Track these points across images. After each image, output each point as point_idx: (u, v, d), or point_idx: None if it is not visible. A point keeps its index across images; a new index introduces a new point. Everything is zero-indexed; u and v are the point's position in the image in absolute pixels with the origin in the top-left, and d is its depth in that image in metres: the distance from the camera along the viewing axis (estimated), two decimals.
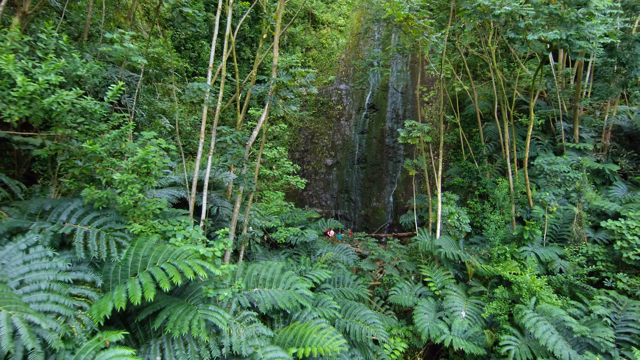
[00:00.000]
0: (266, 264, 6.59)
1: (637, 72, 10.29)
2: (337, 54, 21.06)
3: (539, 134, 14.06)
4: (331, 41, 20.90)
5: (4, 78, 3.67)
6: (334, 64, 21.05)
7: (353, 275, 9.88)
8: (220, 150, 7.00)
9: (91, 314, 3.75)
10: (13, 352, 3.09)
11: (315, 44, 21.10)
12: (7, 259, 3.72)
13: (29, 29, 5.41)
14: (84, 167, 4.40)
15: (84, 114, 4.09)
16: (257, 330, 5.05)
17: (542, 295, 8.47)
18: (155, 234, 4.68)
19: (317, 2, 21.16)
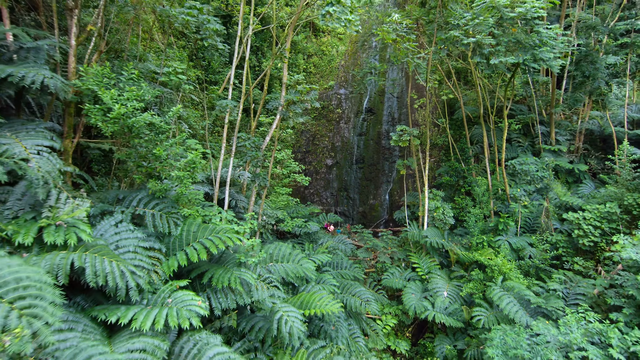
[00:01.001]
0: (278, 245, 8.33)
1: (599, 83, 12.03)
2: (337, 60, 22.81)
3: (521, 137, 15.78)
4: (331, 48, 22.62)
5: (102, 105, 5.38)
6: (333, 69, 22.80)
7: (350, 261, 11.62)
8: (240, 152, 8.71)
9: (163, 269, 5.47)
10: (121, 287, 4.82)
11: (316, 51, 22.83)
12: (104, 230, 5.44)
13: (104, 61, 7.13)
14: (148, 167, 6.11)
15: (151, 127, 5.81)
16: (275, 292, 6.80)
17: (510, 275, 10.20)
18: (199, 216, 6.41)
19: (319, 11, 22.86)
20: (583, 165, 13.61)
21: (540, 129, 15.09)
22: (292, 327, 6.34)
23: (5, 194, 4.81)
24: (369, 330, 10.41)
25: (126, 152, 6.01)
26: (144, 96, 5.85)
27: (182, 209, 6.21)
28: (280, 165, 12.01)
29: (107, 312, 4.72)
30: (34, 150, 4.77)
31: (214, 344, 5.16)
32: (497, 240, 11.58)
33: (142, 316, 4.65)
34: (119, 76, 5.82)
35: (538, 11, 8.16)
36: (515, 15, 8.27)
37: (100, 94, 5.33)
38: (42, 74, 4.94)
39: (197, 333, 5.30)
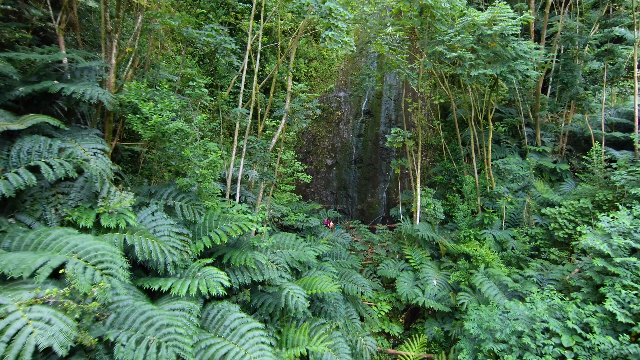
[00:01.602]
0: (284, 235, 9.61)
1: (577, 89, 13.30)
2: (337, 64, 24.09)
3: (509, 138, 17.04)
4: (331, 53, 23.89)
5: (140, 115, 6.65)
6: (333, 73, 24.09)
7: (348, 252, 12.90)
8: (249, 154, 9.99)
9: (191, 250, 6.75)
10: (161, 262, 6.09)
11: (317, 55, 24.11)
12: (143, 218, 6.72)
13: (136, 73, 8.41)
14: (176, 166, 7.37)
15: (179, 133, 7.08)
16: (282, 274, 8.07)
17: (493, 264, 11.46)
18: (218, 208, 7.68)
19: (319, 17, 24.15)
20: (565, 165, 14.87)
21: (527, 131, 16.35)
22: (297, 302, 7.61)
23: (68, 188, 6.08)
24: (365, 314, 11.69)
25: (158, 154, 7.28)
26: (174, 107, 7.13)
27: (204, 202, 7.48)
28: (284, 164, 13.29)
29: (151, 282, 5.99)
30: (91, 152, 6.04)
31: (234, 311, 6.43)
32: (483, 233, 12.85)
33: (178, 285, 5.92)
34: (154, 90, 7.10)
35: (513, 29, 9.45)
36: (493, 32, 9.54)
37: (140, 106, 6.61)
38: (96, 90, 6.21)
39: (220, 302, 6.57)
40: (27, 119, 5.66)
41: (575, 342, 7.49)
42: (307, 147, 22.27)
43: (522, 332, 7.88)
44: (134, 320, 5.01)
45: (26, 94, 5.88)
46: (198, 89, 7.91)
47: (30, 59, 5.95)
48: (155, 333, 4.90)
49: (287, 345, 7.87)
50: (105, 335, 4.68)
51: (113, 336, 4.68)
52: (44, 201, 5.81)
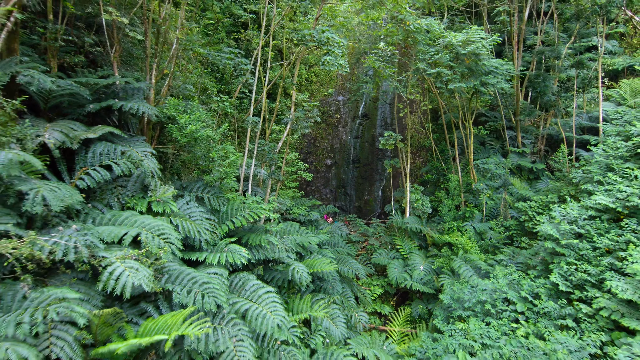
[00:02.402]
0: (289, 224, 11.60)
1: (550, 97, 15.29)
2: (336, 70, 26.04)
3: (493, 140, 19.05)
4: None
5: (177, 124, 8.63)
6: (333, 78, 26.09)
7: (345, 242, 14.88)
8: (259, 155, 11.97)
9: (218, 231, 8.73)
10: (197, 239, 8.07)
11: (317, 61, 26.09)
12: (180, 206, 8.69)
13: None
14: (203, 165, 9.34)
15: (207, 138, 9.06)
16: (289, 254, 10.06)
17: (471, 251, 13.43)
18: (237, 199, 9.67)
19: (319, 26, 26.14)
20: (541, 164, 16.87)
21: (509, 134, 18.35)
22: (301, 276, 9.59)
23: (125, 182, 8.06)
24: (359, 295, 13.66)
25: (188, 155, 9.26)
26: (203, 117, 9.12)
27: (226, 194, 9.47)
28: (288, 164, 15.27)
29: (190, 255, 7.97)
30: (143, 154, 8.01)
31: (252, 279, 8.41)
32: (464, 225, 14.83)
33: (211, 257, 7.91)
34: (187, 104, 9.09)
35: (482, 48, 11.45)
36: (467, 52, 11.54)
37: (177, 117, 8.60)
38: (146, 106, 8.20)
39: (241, 273, 8.56)
40: (98, 129, 7.63)
41: (527, 307, 9.47)
42: (308, 148, 24.25)
43: (486, 301, 9.87)
44: (182, 279, 6.99)
45: (95, 110, 7.87)
46: (221, 103, 9.92)
47: (98, 82, 7.93)
48: (199, 287, 6.87)
49: (293, 312, 9.86)
50: (165, 287, 6.66)
51: (171, 288, 6.67)
52: (109, 192, 7.79)
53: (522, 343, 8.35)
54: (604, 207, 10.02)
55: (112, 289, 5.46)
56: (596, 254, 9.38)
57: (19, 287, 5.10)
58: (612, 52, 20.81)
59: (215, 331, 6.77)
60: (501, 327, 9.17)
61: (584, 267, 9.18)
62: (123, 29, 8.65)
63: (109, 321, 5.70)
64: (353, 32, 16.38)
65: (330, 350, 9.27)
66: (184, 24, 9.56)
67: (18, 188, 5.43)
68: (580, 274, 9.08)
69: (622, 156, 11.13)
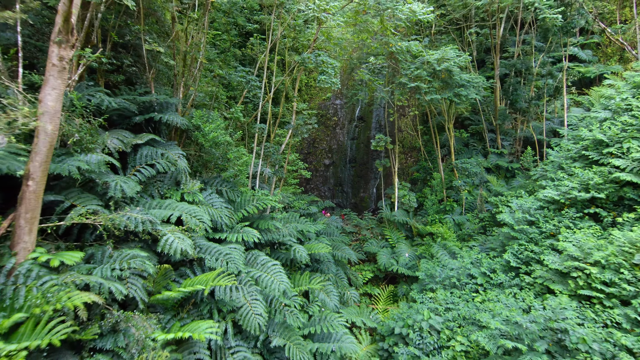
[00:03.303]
0: (291, 214, 14.05)
1: (521, 104, 17.72)
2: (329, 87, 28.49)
3: (476, 142, 21.48)
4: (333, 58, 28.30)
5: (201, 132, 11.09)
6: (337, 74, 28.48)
7: (340, 232, 17.33)
8: (265, 155, 14.43)
9: (235, 217, 11.20)
10: (219, 223, 10.53)
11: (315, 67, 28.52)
12: (204, 197, 11.16)
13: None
14: (221, 164, 11.78)
15: (225, 143, 11.51)
16: (292, 238, 12.52)
17: (449, 239, 15.86)
18: (249, 192, 12.13)
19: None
20: (517, 164, 19.29)
21: (490, 136, 20.79)
22: (301, 255, 12.05)
23: (163, 177, 10.52)
24: (352, 277, 16.11)
25: (209, 156, 11.72)
26: (222, 126, 11.61)
27: (239, 188, 11.94)
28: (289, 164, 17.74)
29: (214, 235, 10.44)
30: (177, 156, 10.47)
31: (262, 255, 10.87)
32: (445, 217, 17.27)
33: (230, 236, 10.37)
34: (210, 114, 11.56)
35: (454, 65, 13.89)
36: (441, 68, 13.99)
37: (202, 126, 11.08)
38: (178, 118, 10.67)
39: (253, 250, 11.02)
40: (143, 136, 10.09)
41: (485, 280, 11.91)
42: (308, 149, 26.72)
43: (453, 276, 12.32)
44: (210, 251, 9.45)
45: (140, 121, 10.34)
46: (236, 113, 12.39)
47: (142, 100, 10.40)
48: (223, 257, 9.33)
49: (294, 285, 12.32)
50: (198, 256, 9.12)
51: (203, 256, 9.13)
52: (151, 185, 10.26)
53: (477, 306, 10.79)
54: (551, 199, 12.46)
55: (167, 252, 7.92)
56: (542, 237, 11.81)
57: (106, 248, 7.57)
58: (586, 61, 23.24)
59: (236, 290, 9.24)
60: (463, 295, 11.61)
61: (531, 247, 11.62)
62: (158, 55, 11.13)
63: (163, 276, 8.17)
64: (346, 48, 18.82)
65: (325, 314, 11.73)
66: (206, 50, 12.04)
67: (104, 180, 7.90)
68: (527, 253, 11.53)
69: (571, 157, 13.55)
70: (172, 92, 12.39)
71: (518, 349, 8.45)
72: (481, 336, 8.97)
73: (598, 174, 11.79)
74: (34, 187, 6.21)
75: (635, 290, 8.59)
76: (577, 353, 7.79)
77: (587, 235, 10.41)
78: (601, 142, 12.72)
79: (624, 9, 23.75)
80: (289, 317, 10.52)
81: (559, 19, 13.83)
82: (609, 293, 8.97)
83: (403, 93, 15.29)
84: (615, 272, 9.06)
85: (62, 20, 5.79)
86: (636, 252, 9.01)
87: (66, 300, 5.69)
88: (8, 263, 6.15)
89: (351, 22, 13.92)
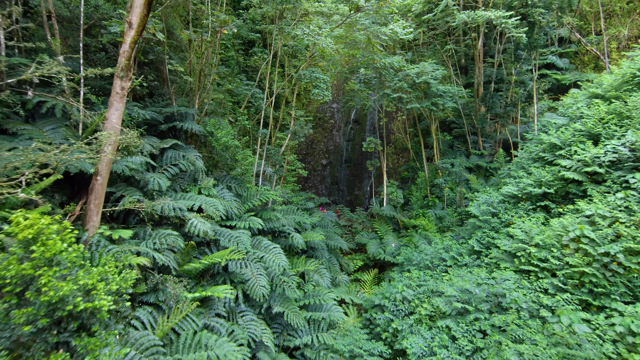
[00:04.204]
0: (290, 207, 16.65)
1: (497, 110, 20.28)
2: (331, 80, 31.10)
3: (460, 144, 24.02)
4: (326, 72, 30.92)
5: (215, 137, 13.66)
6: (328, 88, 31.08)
7: (334, 225, 19.92)
8: (267, 157, 17.03)
9: (242, 208, 13.79)
10: (230, 213, 13.13)
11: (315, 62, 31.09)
12: (216, 191, 13.76)
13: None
14: (230, 164, 14.35)
15: (235, 146, 14.09)
16: (290, 228, 15.12)
17: (430, 230, 18.41)
18: (254, 188, 14.73)
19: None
20: (495, 164, 21.83)
21: (473, 138, 23.35)
22: (298, 241, 14.64)
23: (183, 175, 13.12)
24: (343, 264, 18.69)
25: (221, 158, 14.32)
26: (231, 132, 14.22)
27: (245, 184, 14.55)
28: (288, 163, 20.33)
29: (226, 222, 13.04)
30: (195, 157, 13.07)
31: (265, 240, 13.47)
32: (428, 212, 19.84)
33: (239, 223, 12.98)
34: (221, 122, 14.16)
35: (430, 78, 16.46)
36: (420, 81, 16.57)
37: (216, 132, 13.68)
38: (196, 126, 13.27)
39: (257, 236, 13.61)
40: (168, 142, 12.68)
41: (453, 263, 14.47)
42: (306, 150, 29.31)
43: (427, 259, 14.87)
44: (224, 234, 12.04)
45: (165, 129, 12.95)
46: (243, 121, 14.99)
47: (167, 111, 12.99)
48: (234, 239, 11.92)
49: (292, 267, 14.91)
50: (214, 238, 11.71)
51: (219, 238, 11.72)
52: (175, 181, 12.86)
53: (444, 282, 13.33)
54: (511, 194, 15.01)
55: (192, 232, 10.51)
56: (501, 226, 14.36)
57: (147, 229, 10.17)
58: (564, 69, 25.79)
59: (245, 266, 11.82)
60: (434, 275, 14.18)
61: (492, 234, 14.17)
62: (177, 73, 13.74)
63: (188, 252, 10.77)
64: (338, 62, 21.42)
65: (318, 290, 14.31)
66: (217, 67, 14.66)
67: (146, 177, 10.51)
68: (488, 239, 14.09)
69: (532, 158, 16.09)
70: (188, 103, 15.00)
71: (467, 310, 11.01)
72: (440, 301, 11.54)
73: (549, 173, 14.33)
74: (101, 180, 8.81)
75: (561, 264, 11.13)
76: (510, 310, 10.35)
77: (533, 223, 12.96)
78: (555, 146, 15.27)
79: (598, 21, 26.31)
80: (287, 290, 13.10)
81: (524, 37, 16.37)
82: (543, 267, 11.52)
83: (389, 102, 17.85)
84: (549, 251, 11.60)
85: (125, 61, 8.38)
86: (565, 234, 11.56)
87: (129, 260, 8.28)
88: (83, 236, 8.75)
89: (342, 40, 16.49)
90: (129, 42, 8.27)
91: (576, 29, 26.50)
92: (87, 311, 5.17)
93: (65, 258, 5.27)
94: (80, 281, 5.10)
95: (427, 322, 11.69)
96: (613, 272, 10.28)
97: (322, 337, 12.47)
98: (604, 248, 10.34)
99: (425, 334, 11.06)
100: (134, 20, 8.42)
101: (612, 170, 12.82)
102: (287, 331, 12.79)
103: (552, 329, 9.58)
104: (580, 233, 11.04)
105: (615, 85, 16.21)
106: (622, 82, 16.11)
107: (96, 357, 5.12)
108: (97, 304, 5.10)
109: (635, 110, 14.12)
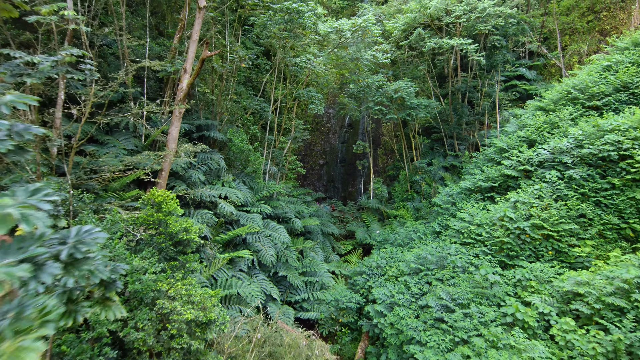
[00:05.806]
0: (291, 198, 21.59)
1: (466, 118, 25.23)
2: (328, 88, 36.05)
3: (439, 146, 28.94)
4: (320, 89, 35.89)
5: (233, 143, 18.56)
6: (325, 95, 36.05)
7: (327, 215, 24.87)
8: (272, 157, 22.02)
9: (254, 197, 18.73)
10: (245, 201, 18.09)
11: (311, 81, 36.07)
12: (235, 185, 18.69)
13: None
14: (244, 164, 19.24)
15: (249, 150, 19.00)
16: (291, 215, 20.08)
17: (407, 219, 23.30)
18: (264, 182, 19.67)
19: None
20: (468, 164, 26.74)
21: (450, 141, 28.28)
22: (297, 225, 19.61)
23: (209, 172, 18.05)
24: (335, 246, 23.61)
25: (237, 159, 19.24)
26: (245, 139, 19.21)
27: (256, 180, 19.52)
28: (290, 163, 25.28)
29: (243, 208, 18.01)
30: (219, 159, 18.00)
31: (272, 222, 18.44)
32: (407, 204, 24.76)
33: (253, 209, 17.96)
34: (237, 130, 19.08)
35: (405, 94, 21.41)
36: (397, 96, 21.51)
37: (234, 139, 18.64)
38: (219, 134, 18.22)
39: (266, 219, 18.57)
40: (199, 146, 17.58)
41: (420, 241, 19.37)
42: (305, 151, 34.24)
43: (399, 239, 19.77)
44: (242, 216, 16.99)
45: (196, 137, 17.91)
46: (254, 129, 19.92)
47: (199, 123, 17.93)
48: (250, 219, 16.86)
49: (293, 244, 19.84)
50: (236, 218, 16.64)
51: (239, 218, 16.66)
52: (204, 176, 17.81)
53: (412, 254, 18.23)
54: (466, 188, 19.91)
55: (221, 213, 15.44)
56: (457, 212, 19.25)
57: (191, 209, 15.11)
58: (532, 80, 30.73)
59: (258, 240, 16.74)
60: (404, 250, 19.08)
61: (449, 219, 19.07)
62: (206, 94, 18.70)
63: (218, 228, 15.68)
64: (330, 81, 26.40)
65: (313, 262, 19.23)
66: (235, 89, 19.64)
67: (188, 173, 15.44)
68: (446, 222, 18.98)
69: (487, 159, 20.99)
70: (210, 114, 19.93)
71: (420, 269, 15.92)
72: (403, 265, 16.46)
73: (495, 171, 19.24)
74: (164, 175, 13.73)
75: (489, 237, 16.01)
76: (449, 267, 15.25)
77: (477, 209, 17.87)
78: (503, 149, 20.19)
79: (564, 37, 31.25)
80: (290, 260, 18.02)
81: (482, 60, 21.30)
82: (478, 240, 16.42)
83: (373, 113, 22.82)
84: (483, 228, 16.49)
85: (182, 95, 13.30)
86: (495, 215, 16.46)
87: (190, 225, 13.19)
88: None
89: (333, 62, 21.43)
90: (185, 83, 13.22)
91: (544, 44, 31.47)
92: (186, 240, 10.07)
93: (177, 211, 10.20)
94: (183, 224, 10.04)
95: (393, 280, 16.61)
96: (523, 241, 15.21)
97: (316, 294, 17.41)
98: (518, 224, 15.26)
99: (389, 287, 15.98)
100: (188, 68, 13.35)
101: (538, 168, 17.74)
102: (289, 290, 17.72)
103: (474, 278, 14.48)
104: (504, 214, 15.97)
105: (554, 99, 21.15)
106: (559, 97, 21.04)
107: (189, 266, 10.10)
108: (192, 237, 10.01)
109: (564, 121, 19.07)
